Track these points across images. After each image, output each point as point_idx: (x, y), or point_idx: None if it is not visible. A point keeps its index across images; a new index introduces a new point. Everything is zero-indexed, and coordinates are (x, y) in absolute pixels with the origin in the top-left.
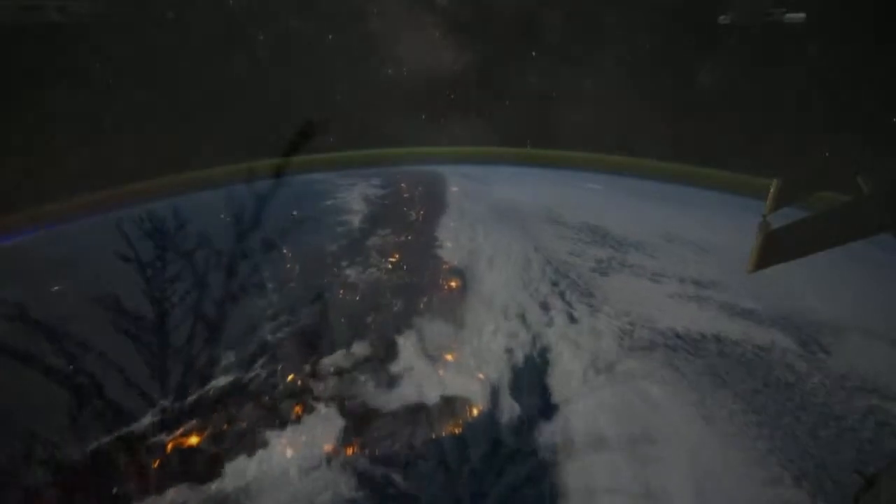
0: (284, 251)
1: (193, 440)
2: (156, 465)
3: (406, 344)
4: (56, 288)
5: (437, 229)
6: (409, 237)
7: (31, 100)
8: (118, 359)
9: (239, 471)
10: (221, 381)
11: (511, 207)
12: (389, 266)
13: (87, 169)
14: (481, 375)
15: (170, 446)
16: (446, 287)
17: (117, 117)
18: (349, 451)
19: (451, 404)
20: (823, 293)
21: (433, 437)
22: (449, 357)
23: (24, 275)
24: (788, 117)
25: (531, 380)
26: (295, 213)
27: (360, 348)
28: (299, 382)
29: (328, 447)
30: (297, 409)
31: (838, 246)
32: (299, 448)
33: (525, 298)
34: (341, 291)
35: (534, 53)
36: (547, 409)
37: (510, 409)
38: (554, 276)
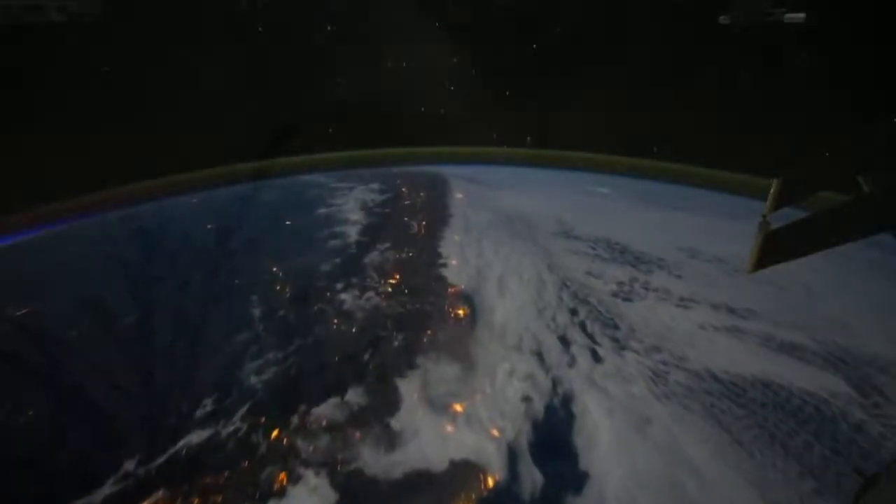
0: (274, 269)
1: None
2: None
3: (409, 390)
4: (23, 311)
5: (442, 243)
6: (411, 253)
7: (31, 100)
8: (79, 403)
9: None
10: (195, 436)
11: (519, 216)
12: (389, 289)
13: (85, 169)
14: (496, 432)
15: None
16: (453, 315)
17: (117, 117)
18: None
19: (462, 472)
20: (868, 320)
21: None
22: (458, 407)
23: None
24: (789, 117)
25: (554, 439)
26: (288, 223)
27: (356, 396)
28: (285, 441)
29: None
30: (282, 476)
31: (838, 246)
32: None
33: (541, 330)
34: (335, 321)
35: (534, 45)
36: (574, 478)
37: (531, 478)
38: (572, 302)
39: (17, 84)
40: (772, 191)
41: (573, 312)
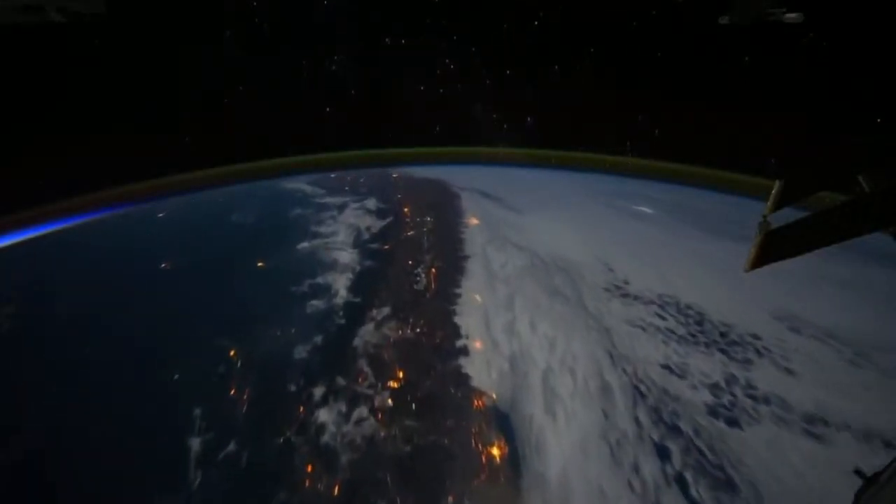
0: (231, 353)
1: None
2: None
3: None
4: None
5: (459, 306)
6: (419, 328)
7: (31, 100)
8: None
9: None
10: None
11: (555, 260)
12: (389, 401)
13: (84, 169)
14: None
15: None
16: (484, 457)
17: (115, 117)
18: None
19: None
20: None
21: None
22: None
23: None
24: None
25: None
26: (259, 264)
27: None
28: None
29: None
30: None
31: (836, 244)
32: None
33: (622, 494)
34: (309, 471)
35: (536, 26)
36: None
37: None
38: (656, 430)
39: (16, 84)
40: (773, 191)
41: (663, 454)
